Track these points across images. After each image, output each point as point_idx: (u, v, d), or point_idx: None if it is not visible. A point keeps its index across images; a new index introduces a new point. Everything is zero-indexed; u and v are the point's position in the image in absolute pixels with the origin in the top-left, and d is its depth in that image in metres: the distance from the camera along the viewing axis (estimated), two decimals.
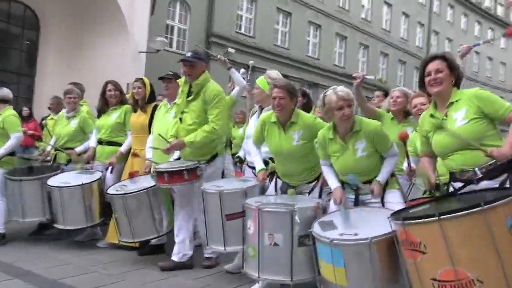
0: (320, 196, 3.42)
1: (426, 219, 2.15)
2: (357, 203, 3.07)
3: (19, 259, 4.10)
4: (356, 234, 2.61)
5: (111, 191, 4.22)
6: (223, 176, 4.72)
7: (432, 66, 2.71)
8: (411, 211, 2.55)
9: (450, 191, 2.74)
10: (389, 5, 27.78)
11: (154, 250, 4.44)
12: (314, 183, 3.47)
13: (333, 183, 3.14)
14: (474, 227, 2.08)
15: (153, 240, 4.34)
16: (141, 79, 4.78)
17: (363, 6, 26.13)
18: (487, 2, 36.40)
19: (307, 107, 4.58)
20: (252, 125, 4.12)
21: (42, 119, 8.43)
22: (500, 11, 37.52)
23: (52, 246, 4.68)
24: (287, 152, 3.38)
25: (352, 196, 3.09)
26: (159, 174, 3.77)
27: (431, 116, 2.77)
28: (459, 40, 33.24)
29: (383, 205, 3.01)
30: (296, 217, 2.89)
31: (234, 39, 19.23)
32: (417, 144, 3.55)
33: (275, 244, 2.92)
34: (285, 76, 5.00)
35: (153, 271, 3.87)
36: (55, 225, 4.58)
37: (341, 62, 24.87)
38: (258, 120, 3.63)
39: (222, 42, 18.69)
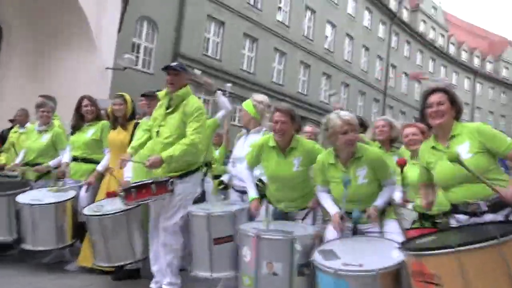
0: (313, 223, 3.37)
1: (443, 250, 2.13)
2: (355, 232, 3.02)
3: None
4: (360, 265, 2.56)
5: (87, 211, 3.97)
6: (204, 199, 4.60)
7: (433, 98, 2.76)
8: (417, 241, 2.54)
9: (451, 222, 2.76)
10: (351, 37, 28.82)
11: (129, 275, 4.20)
12: (307, 209, 3.42)
13: (331, 208, 3.09)
14: (490, 259, 2.08)
15: (129, 265, 4.11)
16: (122, 95, 4.60)
17: (326, 37, 26.95)
18: (440, 41, 38.59)
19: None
20: (241, 148, 4.05)
21: (1, 132, 7.96)
22: (451, 50, 39.85)
23: (18, 268, 4.32)
24: (286, 178, 3.32)
25: (350, 225, 3.05)
26: (127, 192, 3.53)
27: (433, 148, 2.80)
28: None
29: (381, 234, 2.99)
30: (297, 245, 2.81)
31: (201, 60, 19.20)
32: (410, 174, 3.61)
33: (274, 274, 2.81)
34: None
35: None
36: (23, 246, 4.24)
37: (304, 89, 25.36)
38: (254, 143, 3.55)
39: (188, 63, 18.59)
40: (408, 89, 34.35)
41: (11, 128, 7.26)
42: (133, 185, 3.54)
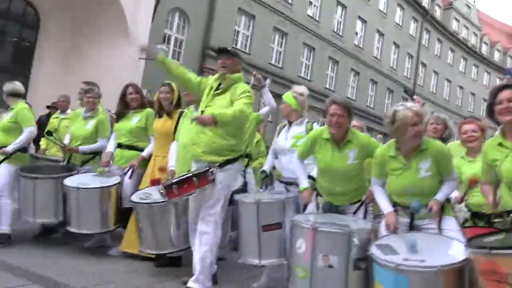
0: (364, 217, 3.32)
1: None
2: (412, 227, 2.95)
3: (30, 263, 3.83)
4: (422, 261, 2.50)
5: (135, 198, 4.00)
6: (246, 190, 4.59)
7: (504, 95, 2.68)
8: (484, 240, 2.46)
9: None
10: (381, 34, 28.37)
11: (171, 262, 4.22)
12: (358, 203, 3.36)
13: (386, 207, 3.03)
14: None
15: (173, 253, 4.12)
16: (169, 84, 4.60)
17: (356, 33, 26.59)
18: (473, 40, 37.63)
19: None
20: (283, 140, 4.00)
21: (38, 119, 8.10)
22: (484, 49, 38.84)
23: (61, 251, 4.40)
24: (340, 171, 3.27)
25: (406, 220, 2.98)
26: (168, 189, 3.45)
27: (500, 144, 2.72)
28: (445, 73, 34.25)
29: (439, 231, 2.91)
30: (355, 239, 2.76)
31: None
32: (464, 171, 3.51)
33: (330, 266, 2.77)
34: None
35: (180, 286, 3.63)
36: (68, 228, 4.32)
37: (332, 85, 25.12)
38: (307, 136, 3.51)
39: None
40: (437, 88, 33.65)
41: (49, 114, 7.40)
42: (174, 181, 3.48)
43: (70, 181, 4.29)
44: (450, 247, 2.71)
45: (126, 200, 4.49)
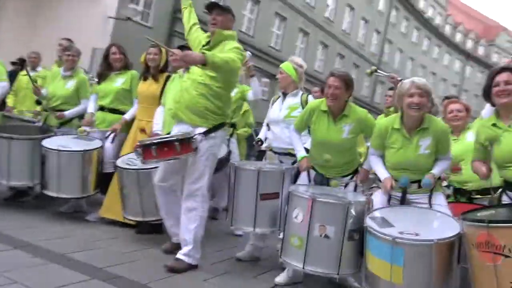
0: (355, 191, 3.39)
1: None
2: (403, 201, 3.04)
3: (6, 227, 3.67)
4: (417, 234, 2.59)
5: (121, 164, 3.88)
6: (229, 159, 4.56)
7: (501, 78, 2.75)
8: (478, 214, 2.58)
9: (503, 199, 2.80)
10: (352, 8, 28.41)
11: (153, 230, 4.17)
12: (349, 177, 3.42)
13: (383, 173, 3.09)
14: None
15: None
16: (158, 45, 4.42)
17: (327, 5, 26.50)
18: (438, 20, 38.40)
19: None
20: (277, 111, 3.99)
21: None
22: (447, 30, 39.75)
23: (37, 215, 4.22)
24: (334, 144, 3.29)
25: (398, 194, 3.07)
26: (146, 148, 3.15)
27: (493, 125, 2.81)
28: (409, 52, 34.92)
29: (430, 206, 3.01)
30: (352, 210, 2.82)
31: (202, 19, 18.65)
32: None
33: (326, 236, 2.83)
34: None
35: (163, 254, 3.59)
36: (45, 192, 4.16)
37: (301, 57, 25.07)
38: (306, 107, 3.49)
39: None
40: (401, 65, 34.31)
41: (15, 71, 6.98)
42: (154, 141, 3.19)
43: (49, 143, 4.10)
44: (441, 221, 2.83)
45: (107, 165, 4.38)
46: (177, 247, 3.43)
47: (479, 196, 3.49)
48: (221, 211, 5.16)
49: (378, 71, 4.39)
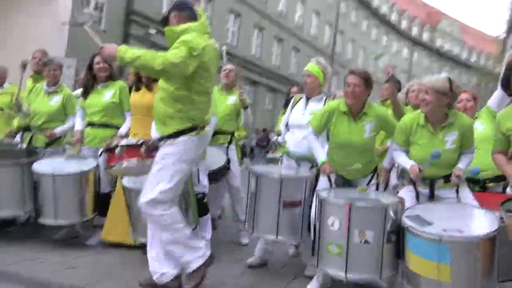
0: (377, 189, 3.34)
1: None
2: (432, 196, 3.02)
3: (4, 262, 3.35)
4: (460, 231, 2.57)
5: (127, 183, 3.61)
6: (229, 167, 4.42)
7: None
8: None
9: None
10: (303, 1, 28.66)
11: None
12: (370, 176, 3.36)
13: (408, 161, 3.06)
14: None
15: None
16: None
17: None
18: (385, 9, 39.52)
19: None
20: (300, 115, 3.79)
21: None
22: (394, 17, 41.00)
23: (32, 245, 3.88)
24: (356, 145, 3.21)
25: (426, 190, 3.04)
26: (110, 152, 3.00)
27: None
28: (361, 41, 35.71)
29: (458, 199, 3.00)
30: (390, 212, 2.76)
31: (157, 19, 18.20)
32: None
33: (366, 242, 2.75)
34: None
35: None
36: (41, 220, 3.84)
37: (258, 53, 25.07)
38: (323, 108, 3.38)
39: (143, 22, 17.62)
40: (354, 55, 35.05)
41: None
42: (105, 148, 3.13)
43: (41, 167, 3.78)
44: (476, 215, 2.83)
45: (103, 185, 4.11)
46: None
47: (491, 184, 3.51)
48: (217, 219, 5.03)
49: None
